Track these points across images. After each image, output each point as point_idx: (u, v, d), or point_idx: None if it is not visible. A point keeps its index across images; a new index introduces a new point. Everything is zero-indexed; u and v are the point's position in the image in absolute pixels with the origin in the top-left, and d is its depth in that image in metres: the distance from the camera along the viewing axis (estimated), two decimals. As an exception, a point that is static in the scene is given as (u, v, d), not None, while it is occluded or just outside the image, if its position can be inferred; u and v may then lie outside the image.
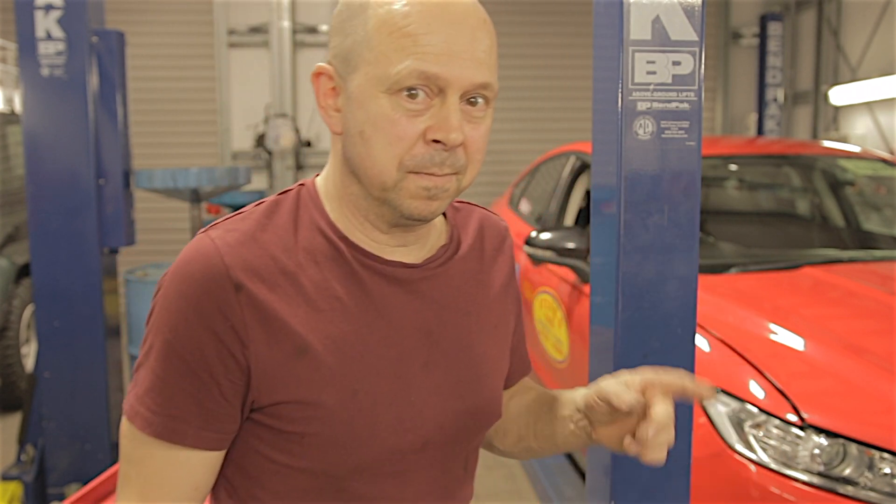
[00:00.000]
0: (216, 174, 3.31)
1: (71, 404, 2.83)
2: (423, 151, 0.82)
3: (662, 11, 1.51)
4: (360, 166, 0.84)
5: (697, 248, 1.59)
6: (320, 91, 0.88)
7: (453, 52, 0.80)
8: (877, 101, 6.86)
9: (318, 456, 0.86)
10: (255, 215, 0.89)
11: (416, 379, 0.90)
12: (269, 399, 0.84)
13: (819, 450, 1.84)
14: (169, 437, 0.83)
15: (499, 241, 1.04)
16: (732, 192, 3.65)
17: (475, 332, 0.96)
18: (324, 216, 0.90)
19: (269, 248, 0.86)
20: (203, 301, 0.82)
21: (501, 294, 1.02)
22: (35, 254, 2.78)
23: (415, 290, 0.91)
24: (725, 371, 2.08)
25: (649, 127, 1.53)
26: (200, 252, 0.84)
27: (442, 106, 0.81)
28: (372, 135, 0.82)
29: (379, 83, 0.81)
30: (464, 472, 0.99)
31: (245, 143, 7.94)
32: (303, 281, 0.85)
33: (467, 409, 0.94)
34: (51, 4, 2.69)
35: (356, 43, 0.83)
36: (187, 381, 0.83)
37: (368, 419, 0.86)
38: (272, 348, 0.83)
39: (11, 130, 4.99)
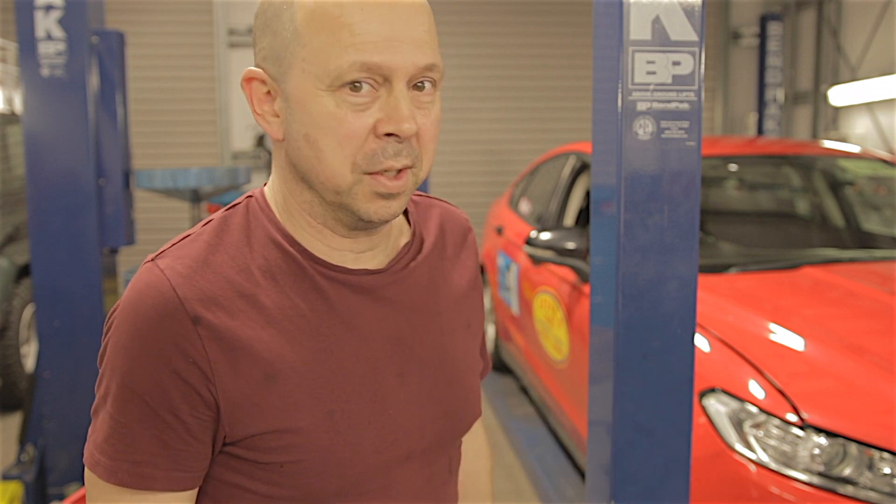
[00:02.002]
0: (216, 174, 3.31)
1: (71, 404, 2.82)
2: (376, 147, 0.77)
3: (662, 11, 1.51)
4: (310, 171, 0.79)
5: (697, 248, 1.59)
6: (254, 97, 0.82)
7: (393, 38, 0.75)
8: (877, 101, 6.86)
9: (300, 484, 0.81)
10: (203, 236, 0.83)
11: (393, 391, 0.86)
12: (242, 432, 0.79)
13: (819, 450, 1.84)
14: (136, 484, 0.78)
15: (461, 236, 1.00)
16: (732, 192, 3.65)
17: (447, 332, 0.93)
18: (278, 228, 0.84)
19: (224, 272, 0.80)
20: (159, 339, 0.76)
21: (469, 290, 0.99)
22: (35, 254, 2.78)
23: (382, 296, 0.86)
24: (725, 371, 2.08)
25: (649, 127, 1.53)
26: (151, 286, 0.78)
27: (389, 96, 0.76)
28: (318, 137, 0.76)
29: (318, 80, 0.75)
30: (448, 474, 0.96)
31: (245, 143, 7.94)
32: (263, 301, 0.80)
33: (446, 412, 0.92)
34: (51, 4, 2.69)
35: (286, 41, 0.77)
36: (150, 424, 0.77)
37: (348, 440, 0.82)
38: (239, 379, 0.78)
39: (11, 130, 4.99)
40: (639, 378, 1.60)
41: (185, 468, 0.79)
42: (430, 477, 0.92)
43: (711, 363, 2.12)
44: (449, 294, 0.95)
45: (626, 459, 1.61)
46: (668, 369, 1.61)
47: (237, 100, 7.92)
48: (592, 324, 1.70)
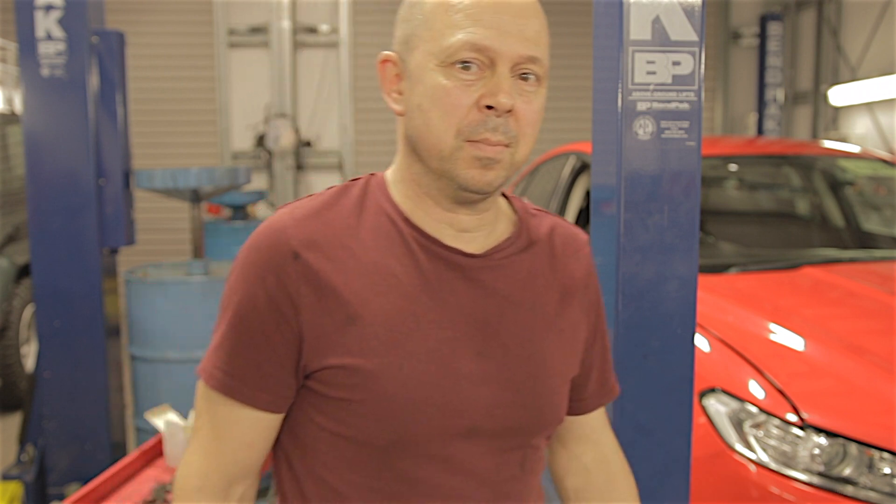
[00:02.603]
0: (216, 174, 3.31)
1: (71, 404, 2.82)
2: (477, 118, 0.85)
3: (662, 11, 1.51)
4: (420, 139, 0.89)
5: (697, 248, 1.59)
6: (385, 77, 0.93)
7: (503, 28, 0.85)
8: (877, 101, 6.86)
9: (362, 425, 0.88)
10: (325, 196, 0.95)
11: (468, 365, 0.91)
12: (317, 364, 0.88)
13: (819, 450, 1.84)
14: (228, 392, 0.90)
15: (572, 248, 1.03)
16: (732, 192, 3.65)
17: (538, 329, 0.96)
18: (389, 199, 0.94)
19: (332, 224, 0.91)
20: (264, 268, 0.88)
21: (572, 300, 1.01)
22: (35, 254, 2.78)
23: (475, 278, 0.92)
24: (725, 371, 2.08)
25: (649, 127, 1.53)
26: (269, 224, 0.92)
27: (493, 76, 0.86)
28: (429, 107, 0.87)
29: (434, 57, 0.86)
30: (520, 471, 0.97)
31: (245, 143, 7.94)
32: (361, 256, 0.90)
33: (522, 403, 0.94)
34: (51, 4, 2.69)
35: (415, 26, 0.89)
36: (247, 344, 0.89)
37: (412, 394, 0.88)
38: (323, 315, 0.87)
39: (11, 130, 4.99)
40: (639, 378, 1.60)
41: (269, 390, 0.90)
42: (497, 466, 0.94)
43: (711, 363, 2.12)
44: (549, 296, 0.98)
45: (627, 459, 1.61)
46: (668, 369, 1.61)
47: (237, 100, 7.92)
48: (592, 324, 1.69)
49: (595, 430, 1.13)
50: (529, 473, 0.99)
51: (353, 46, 7.87)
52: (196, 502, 0.92)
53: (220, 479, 0.92)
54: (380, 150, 7.95)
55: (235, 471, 0.93)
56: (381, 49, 0.99)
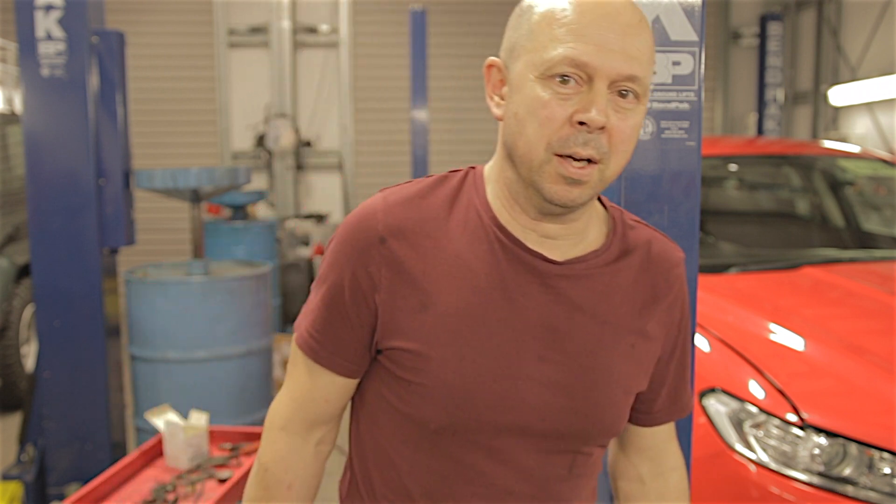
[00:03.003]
0: (216, 174, 3.31)
1: (71, 404, 2.82)
2: (569, 132, 0.86)
3: (662, 11, 1.51)
4: (514, 147, 0.91)
5: (697, 248, 1.59)
6: (490, 82, 0.96)
7: (604, 45, 0.85)
8: (877, 101, 6.86)
9: (420, 405, 0.94)
10: (423, 184, 0.99)
11: (528, 367, 0.94)
12: (388, 343, 0.95)
13: (819, 450, 1.84)
14: (311, 355, 1.00)
15: (665, 267, 1.02)
16: (732, 192, 3.65)
17: (607, 342, 0.97)
18: (481, 198, 0.97)
19: (423, 213, 0.96)
20: (352, 247, 0.95)
21: (652, 319, 1.00)
22: (35, 254, 2.78)
23: (551, 284, 0.95)
24: (725, 371, 2.08)
25: (649, 127, 1.53)
26: (366, 206, 0.98)
27: (589, 92, 0.86)
28: (525, 116, 0.88)
29: (534, 68, 0.88)
30: (568, 474, 0.99)
31: (245, 143, 7.94)
32: (445, 247, 0.94)
33: (576, 409, 0.95)
34: (51, 4, 2.69)
35: (521, 36, 0.91)
36: (330, 313, 0.97)
37: (469, 386, 0.92)
38: (398, 298, 0.93)
39: (11, 130, 4.99)
40: (639, 378, 1.59)
41: (345, 357, 0.98)
42: (543, 464, 0.97)
43: (711, 363, 2.12)
44: (623, 310, 0.98)
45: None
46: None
47: (237, 100, 7.92)
48: (592, 324, 1.69)
49: (658, 444, 1.12)
50: (579, 477, 1.01)
51: (353, 46, 7.87)
52: (279, 438, 1.04)
53: (301, 423, 1.03)
54: (380, 150, 7.95)
55: (314, 418, 1.03)
56: (381, 49, 1.01)
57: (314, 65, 7.99)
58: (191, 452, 2.27)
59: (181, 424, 2.28)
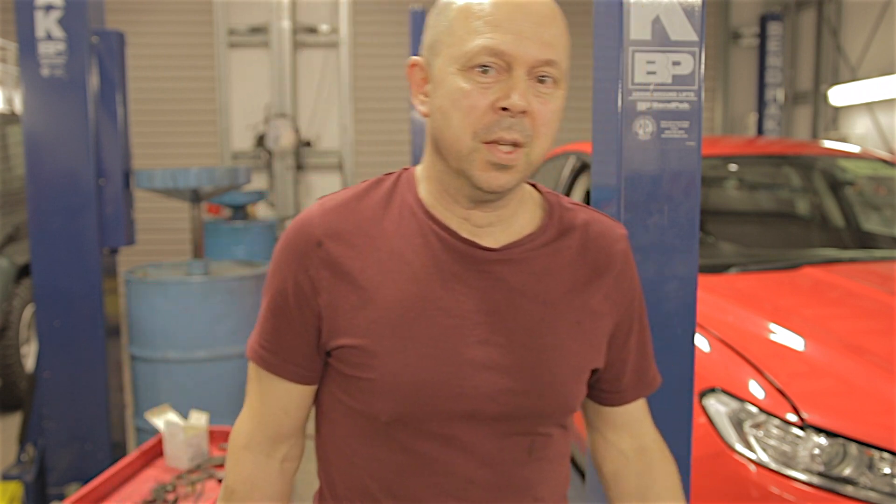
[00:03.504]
0: (216, 174, 3.31)
1: (71, 404, 2.82)
2: (492, 119, 0.90)
3: (662, 11, 1.51)
4: (441, 139, 0.94)
5: (697, 248, 1.59)
6: (413, 81, 0.99)
7: (520, 34, 0.89)
8: (877, 101, 6.86)
9: (370, 400, 0.96)
10: (358, 188, 1.02)
11: (472, 352, 0.95)
12: (334, 342, 0.97)
13: (819, 450, 1.84)
14: (262, 364, 1.02)
15: (605, 242, 1.04)
16: (732, 192, 3.65)
17: (549, 322, 0.98)
18: (414, 194, 1.00)
19: (357, 215, 0.99)
20: (292, 254, 0.98)
21: (597, 295, 1.02)
22: (35, 254, 2.78)
23: (488, 270, 0.97)
24: (725, 371, 2.07)
25: (649, 127, 1.53)
26: (304, 214, 1.01)
27: (509, 79, 0.90)
28: (449, 108, 0.91)
29: (455, 61, 0.91)
30: (528, 457, 1.00)
31: (245, 143, 7.94)
32: (381, 245, 0.97)
33: (524, 390, 0.97)
34: (51, 4, 2.69)
35: (440, 32, 0.94)
36: (277, 321, 1.00)
37: (413, 376, 0.94)
38: (339, 297, 0.96)
39: (11, 130, 4.99)
40: (639, 378, 1.59)
41: (296, 363, 1.00)
42: (500, 449, 0.98)
43: (711, 363, 2.12)
44: (565, 290, 1.00)
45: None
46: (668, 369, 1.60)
47: (237, 100, 7.92)
48: (592, 324, 1.69)
49: (633, 421, 1.14)
50: (540, 460, 1.01)
51: (353, 46, 7.87)
52: (243, 458, 1.05)
53: (264, 440, 1.04)
54: (380, 150, 7.94)
55: (276, 433, 1.04)
56: (381, 49, 1.01)
57: (314, 65, 7.98)
58: (191, 452, 2.27)
59: (181, 424, 2.28)
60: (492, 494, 0.98)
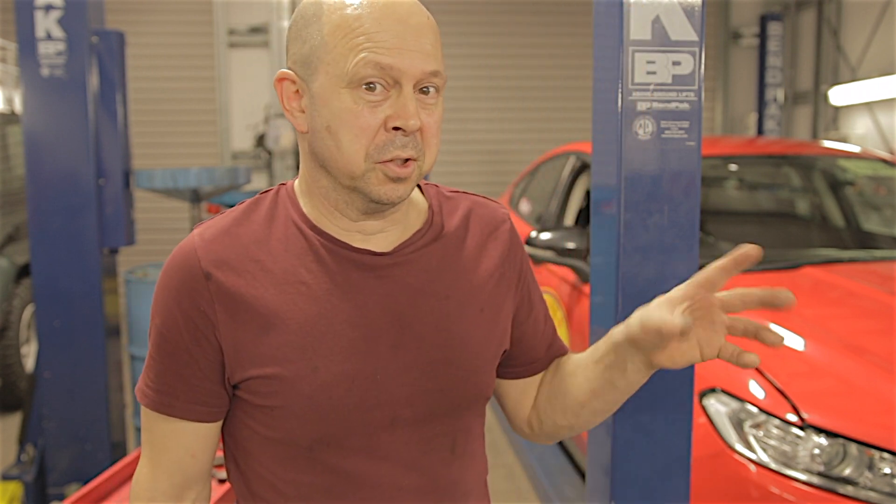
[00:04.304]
0: (216, 174, 3.31)
1: (71, 404, 2.82)
2: (385, 139, 0.88)
3: (662, 11, 1.51)
4: (330, 159, 0.90)
5: (697, 248, 1.59)
6: (284, 95, 0.94)
7: (403, 47, 0.87)
8: (877, 101, 6.86)
9: (286, 427, 0.93)
10: (235, 212, 0.98)
11: (383, 359, 0.94)
12: (240, 375, 0.93)
13: (819, 450, 1.84)
14: (162, 409, 0.95)
15: (491, 227, 1.06)
16: (732, 192, 3.65)
17: (454, 315, 0.98)
18: (298, 210, 0.97)
19: (242, 240, 0.94)
20: (180, 291, 0.93)
21: (492, 279, 1.03)
22: (35, 254, 2.78)
23: (385, 275, 0.96)
24: (725, 371, 2.07)
25: (649, 127, 1.53)
26: (182, 248, 0.95)
27: (398, 96, 0.88)
28: (338, 128, 0.88)
29: (339, 80, 0.88)
30: (451, 455, 1.00)
31: (245, 143, 7.94)
32: (272, 268, 0.93)
33: (441, 388, 0.97)
34: (51, 4, 2.69)
35: (314, 48, 0.89)
36: (173, 361, 0.94)
37: (328, 394, 0.92)
38: (239, 329, 0.92)
39: (11, 130, 4.99)
40: (639, 378, 1.59)
41: (201, 402, 0.95)
42: (424, 451, 0.98)
43: (711, 363, 2.11)
44: (464, 280, 1.01)
45: (626, 459, 1.61)
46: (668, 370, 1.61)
47: (237, 100, 7.92)
48: (592, 324, 1.70)
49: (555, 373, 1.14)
50: (462, 457, 1.02)
51: (353, 46, 7.87)
52: None
53: (170, 489, 0.98)
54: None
55: (183, 479, 0.98)
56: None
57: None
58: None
59: (181, 424, 2.28)
60: (421, 498, 0.97)
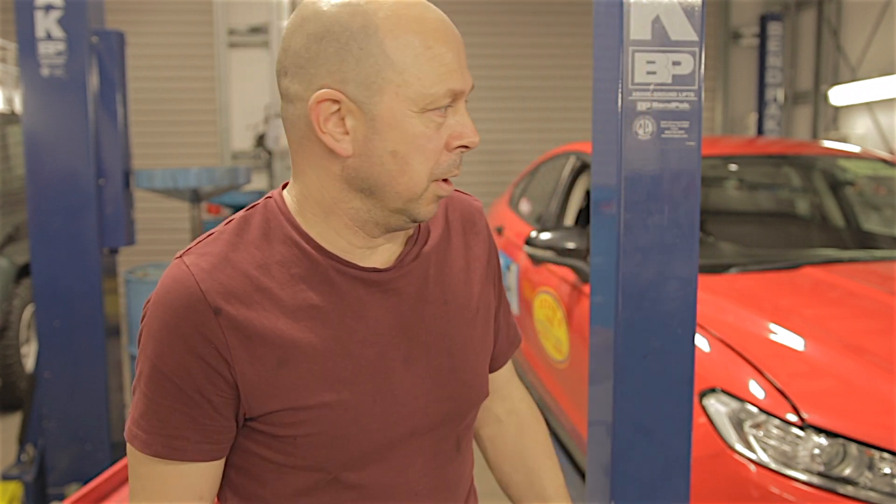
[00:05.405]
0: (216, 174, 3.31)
1: (71, 404, 2.82)
2: (447, 158, 0.88)
3: (662, 11, 1.51)
4: (388, 183, 0.87)
5: (697, 248, 1.59)
6: (320, 117, 0.85)
7: (460, 66, 0.87)
8: (877, 101, 6.86)
9: (311, 455, 0.90)
10: (225, 235, 0.91)
11: (398, 374, 0.93)
12: (259, 410, 0.88)
13: (819, 450, 1.84)
14: (169, 455, 0.88)
15: (470, 223, 1.06)
16: (732, 192, 3.65)
17: (454, 320, 0.99)
18: (294, 226, 0.91)
19: (243, 267, 0.89)
20: (185, 328, 0.85)
21: (480, 277, 1.04)
22: (35, 254, 2.78)
23: (390, 288, 0.94)
24: (725, 371, 2.08)
25: (649, 127, 1.53)
26: (178, 281, 0.87)
27: (455, 114, 0.88)
28: (408, 152, 0.85)
29: (413, 104, 0.84)
30: (456, 453, 1.02)
31: (245, 143, 7.94)
32: (279, 294, 0.89)
33: (450, 395, 0.98)
34: (51, 4, 2.69)
35: (377, 67, 0.83)
36: (179, 402, 0.87)
37: (354, 417, 0.90)
38: (255, 364, 0.87)
39: (11, 130, 4.99)
40: (639, 378, 1.60)
41: (212, 441, 0.89)
42: (434, 453, 0.98)
43: (711, 363, 2.12)
44: (458, 282, 1.01)
45: (626, 459, 1.61)
46: (668, 369, 1.61)
47: (237, 100, 7.92)
48: (592, 324, 1.70)
49: (505, 384, 1.18)
50: (464, 453, 1.04)
51: (353, 46, 7.87)
52: None
53: None
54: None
55: None
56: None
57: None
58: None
59: (181, 424, 2.28)
60: (434, 497, 0.98)
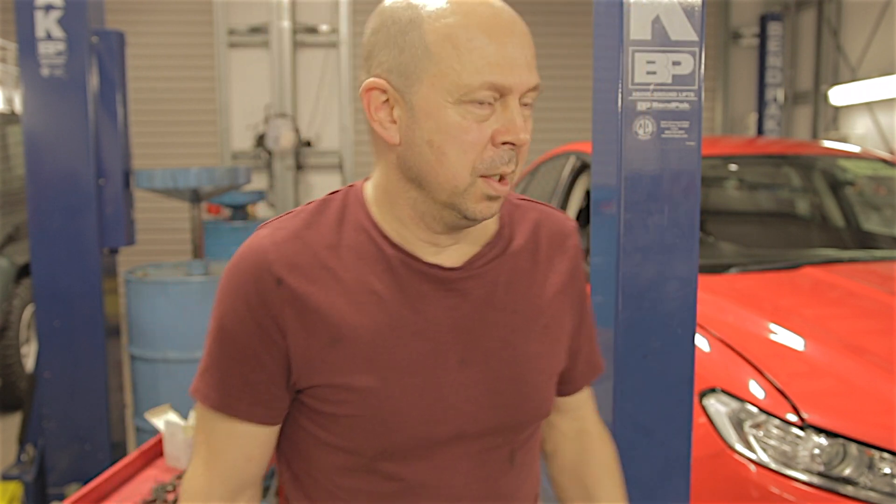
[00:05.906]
0: (216, 174, 3.31)
1: (71, 404, 2.82)
2: (493, 154, 0.87)
3: (662, 11, 1.51)
4: (430, 173, 0.88)
5: (697, 248, 1.59)
6: (371, 105, 0.91)
7: (512, 61, 0.85)
8: (877, 101, 6.86)
9: (350, 436, 0.92)
10: (303, 214, 0.96)
11: (451, 374, 0.93)
12: (307, 382, 0.92)
13: (819, 450, 1.84)
14: (224, 410, 0.93)
15: (559, 241, 1.04)
16: (732, 192, 3.65)
17: (521, 330, 0.98)
18: (368, 216, 0.95)
19: (313, 245, 0.92)
20: (249, 294, 0.90)
21: (557, 294, 1.02)
22: (35, 254, 2.78)
23: (455, 288, 0.94)
24: (725, 371, 2.07)
25: (649, 127, 1.53)
26: (251, 248, 0.93)
27: (504, 109, 0.86)
28: (443, 143, 0.86)
29: (448, 94, 0.85)
30: (510, 466, 1.00)
31: (245, 143, 7.94)
32: (342, 275, 0.91)
33: (505, 404, 0.96)
34: (51, 4, 2.69)
35: (416, 57, 0.86)
36: (238, 363, 0.92)
37: (396, 406, 0.91)
38: (309, 337, 0.90)
39: (11, 130, 4.99)
40: (639, 378, 1.60)
41: (264, 404, 0.93)
42: (483, 463, 0.97)
43: (711, 363, 2.12)
44: (533, 295, 0.99)
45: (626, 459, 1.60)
46: (668, 369, 1.61)
47: (237, 100, 7.92)
48: (592, 324, 1.69)
49: (577, 406, 1.15)
50: (519, 466, 1.01)
51: (353, 46, 7.88)
52: None
53: (225, 492, 0.96)
54: (380, 150, 7.94)
55: (237, 483, 0.97)
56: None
57: (314, 65, 7.98)
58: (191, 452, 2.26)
59: (181, 424, 2.28)
60: None
